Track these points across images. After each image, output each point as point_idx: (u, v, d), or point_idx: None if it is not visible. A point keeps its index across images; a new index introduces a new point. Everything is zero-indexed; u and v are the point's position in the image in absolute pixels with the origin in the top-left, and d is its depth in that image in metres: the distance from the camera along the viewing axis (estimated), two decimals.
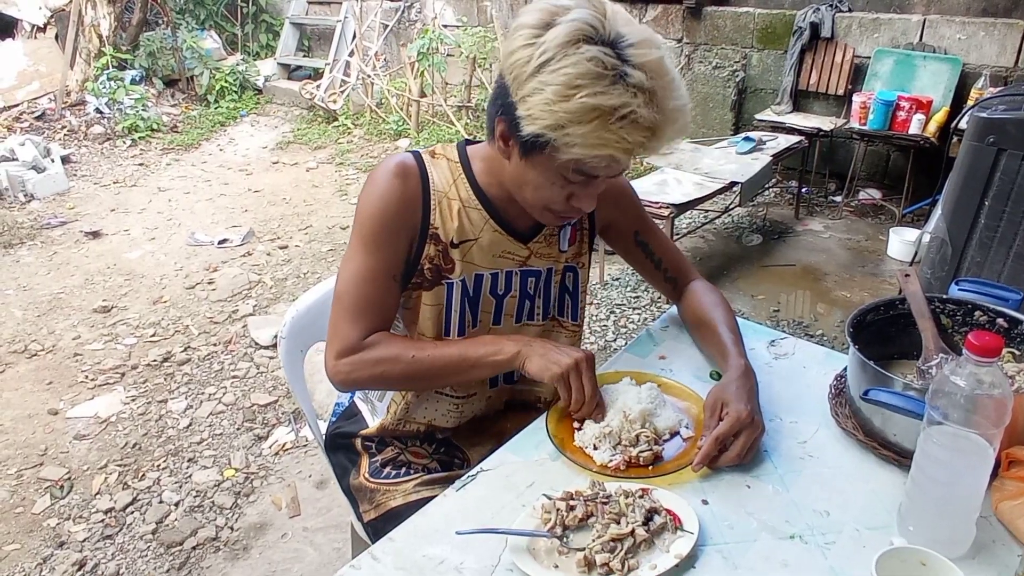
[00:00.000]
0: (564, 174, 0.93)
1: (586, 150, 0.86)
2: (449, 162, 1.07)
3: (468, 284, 1.07)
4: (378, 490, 1.14)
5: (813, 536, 0.84)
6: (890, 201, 4.07)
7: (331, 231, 4.02)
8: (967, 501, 0.79)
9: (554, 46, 0.84)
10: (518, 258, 1.10)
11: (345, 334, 1.01)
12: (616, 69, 0.83)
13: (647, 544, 0.82)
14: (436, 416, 1.16)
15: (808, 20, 4.09)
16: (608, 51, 0.83)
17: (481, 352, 1.00)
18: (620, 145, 0.85)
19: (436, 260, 1.05)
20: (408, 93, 5.55)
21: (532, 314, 1.14)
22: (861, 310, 1.05)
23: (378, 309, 1.02)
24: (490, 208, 1.06)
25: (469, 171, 1.06)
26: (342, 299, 1.03)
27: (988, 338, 0.72)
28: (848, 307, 3.10)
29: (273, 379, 2.67)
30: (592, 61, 0.82)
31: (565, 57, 0.83)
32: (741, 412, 0.94)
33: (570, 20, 0.84)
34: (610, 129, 0.84)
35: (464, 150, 1.09)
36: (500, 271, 1.09)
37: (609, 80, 0.83)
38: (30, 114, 5.52)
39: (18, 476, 2.21)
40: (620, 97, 0.83)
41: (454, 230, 1.04)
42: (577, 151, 0.86)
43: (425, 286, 1.06)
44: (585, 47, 0.83)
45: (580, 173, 0.92)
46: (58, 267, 3.63)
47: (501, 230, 1.07)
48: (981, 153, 1.83)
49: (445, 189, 1.05)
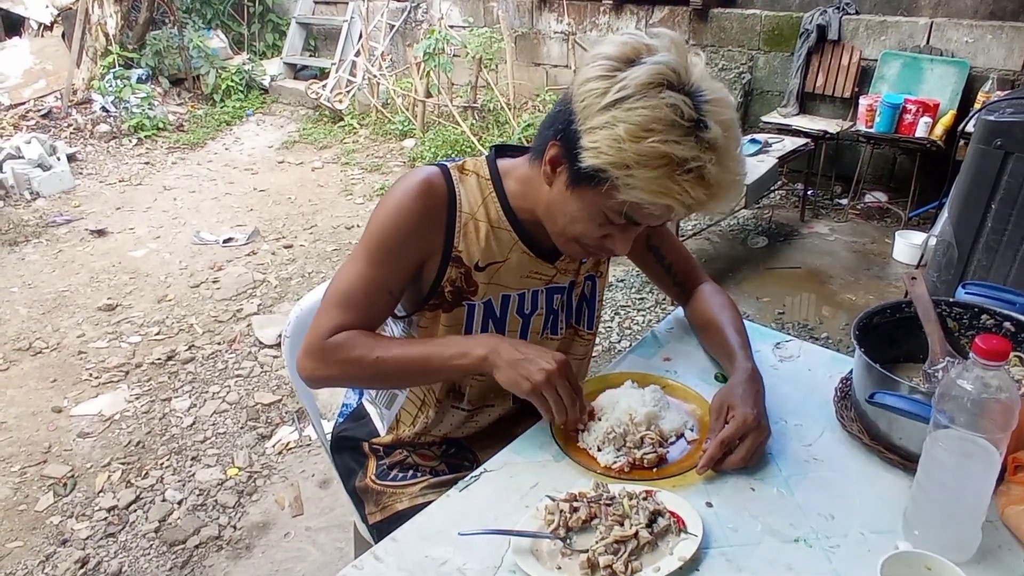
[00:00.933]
0: (609, 214, 0.90)
1: (647, 196, 0.84)
2: (479, 179, 1.04)
3: (494, 305, 1.05)
4: (384, 492, 1.13)
5: (818, 540, 0.84)
6: (896, 204, 4.06)
7: (336, 231, 4.02)
8: (973, 505, 0.79)
9: (634, 84, 0.82)
10: (545, 277, 1.08)
11: (317, 329, 0.99)
12: (692, 121, 0.82)
13: (651, 546, 0.82)
14: (452, 429, 1.15)
15: (815, 22, 4.08)
16: (688, 101, 0.82)
17: (447, 355, 0.96)
18: (681, 198, 0.84)
19: (458, 283, 1.03)
20: (414, 93, 5.55)
21: (556, 328, 1.13)
22: (867, 313, 1.04)
23: (360, 313, 1.00)
24: (520, 229, 1.03)
25: (501, 190, 1.03)
26: (327, 296, 1.01)
27: (996, 342, 0.71)
28: (853, 310, 3.09)
29: (277, 378, 2.67)
30: (672, 108, 0.81)
31: (644, 98, 0.81)
32: (747, 415, 0.94)
33: (655, 62, 0.83)
34: (676, 179, 0.82)
35: (495, 166, 1.05)
36: (527, 291, 1.07)
37: (684, 131, 0.82)
38: (36, 112, 5.54)
39: (22, 473, 2.22)
40: (692, 150, 0.82)
41: (479, 252, 1.02)
42: (637, 195, 0.84)
43: (445, 307, 1.04)
44: (667, 93, 0.81)
45: (627, 217, 0.90)
46: (63, 265, 3.64)
47: (529, 252, 1.05)
48: (988, 156, 1.82)
49: (473, 211, 1.02)
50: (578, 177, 0.89)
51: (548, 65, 5.62)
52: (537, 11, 5.49)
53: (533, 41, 5.60)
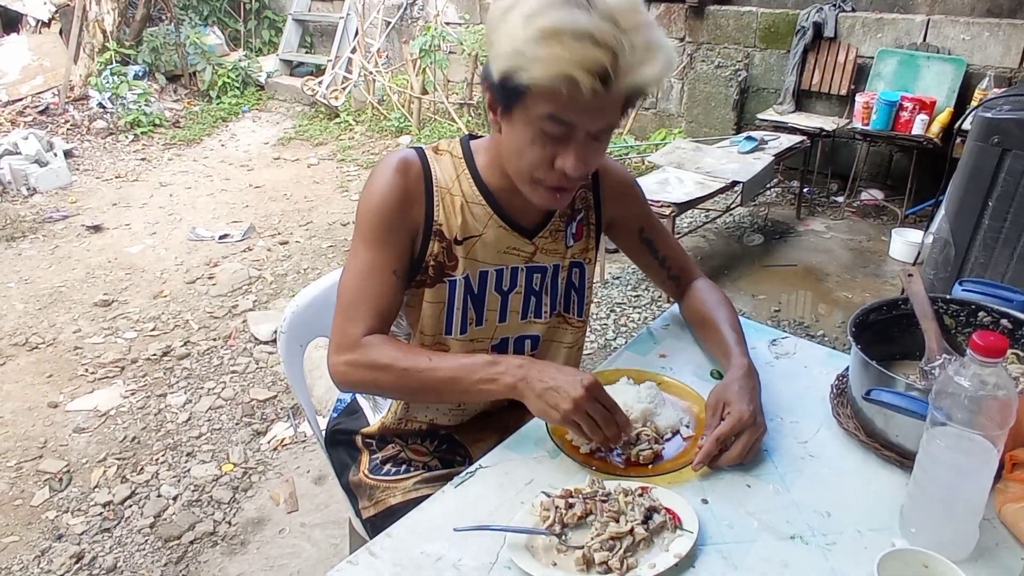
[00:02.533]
0: (540, 124, 0.88)
1: (544, 71, 0.81)
2: (452, 157, 1.06)
3: (472, 281, 1.06)
4: (378, 487, 1.13)
5: (814, 537, 0.84)
6: (892, 202, 4.06)
7: (331, 227, 4.01)
8: (970, 503, 0.79)
9: None
10: (524, 254, 1.08)
11: (344, 331, 0.99)
12: (581, 1, 0.81)
13: (646, 543, 0.82)
14: (438, 415, 1.15)
15: (811, 20, 4.08)
16: None
17: (476, 378, 0.95)
18: (577, 62, 0.80)
19: (440, 257, 1.03)
20: (410, 90, 5.54)
21: (539, 311, 1.13)
22: (863, 310, 1.04)
23: (377, 305, 1.00)
24: (494, 203, 1.05)
25: (472, 165, 1.05)
26: (343, 296, 1.02)
27: (993, 338, 0.71)
28: (849, 308, 3.09)
29: (272, 374, 2.66)
30: None
31: None
32: (743, 412, 0.93)
33: None
34: (565, 44, 0.80)
35: (468, 145, 1.07)
36: (505, 267, 1.08)
37: (574, 5, 0.81)
38: (34, 108, 5.51)
39: (17, 468, 2.21)
40: (580, 18, 0.80)
41: (458, 226, 1.03)
42: (536, 74, 0.82)
43: (428, 283, 1.05)
44: None
45: (552, 120, 0.87)
46: (60, 260, 3.63)
47: (506, 226, 1.06)
48: (985, 154, 1.82)
49: (448, 185, 1.04)
50: (504, 102, 0.90)
51: None
52: None
53: None
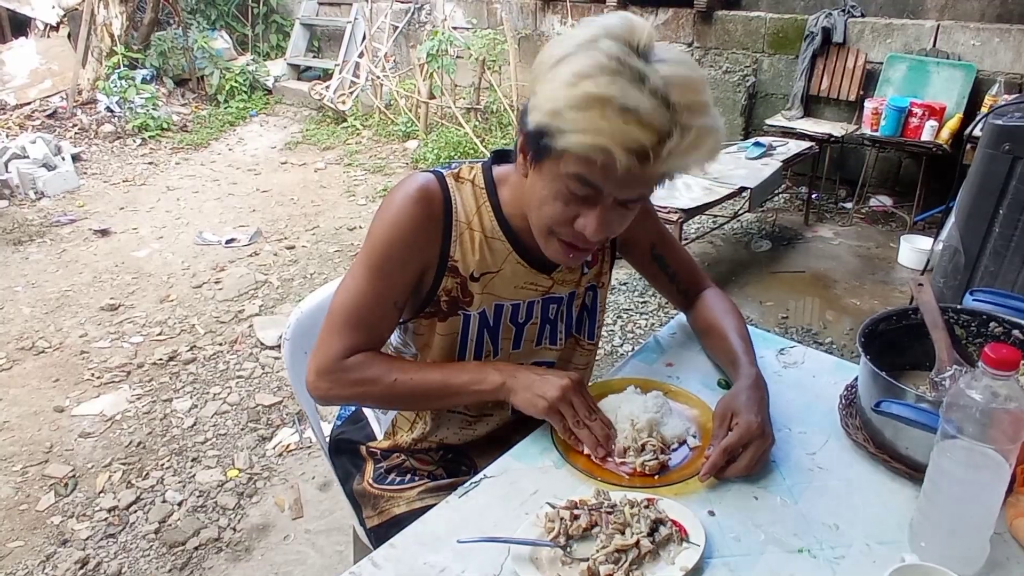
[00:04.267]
0: (567, 183, 0.85)
1: (580, 137, 0.78)
2: (474, 188, 1.01)
3: (488, 314, 1.04)
4: (382, 496, 1.12)
5: (822, 550, 0.83)
6: (901, 208, 4.04)
7: (338, 232, 4.02)
8: (981, 517, 0.77)
9: (575, 44, 0.80)
10: (541, 288, 1.06)
11: (329, 349, 0.98)
12: (635, 70, 0.78)
13: (652, 556, 0.81)
14: (448, 435, 1.14)
15: (820, 25, 4.07)
16: (630, 53, 0.79)
17: (464, 380, 0.98)
18: (618, 138, 0.77)
19: (454, 292, 1.01)
20: (417, 95, 5.55)
21: (554, 338, 1.12)
22: (873, 319, 1.03)
23: (370, 331, 0.99)
24: (513, 239, 1.01)
25: (494, 197, 1.01)
26: (335, 314, 0.99)
27: (1006, 351, 0.70)
28: (857, 315, 3.07)
29: (278, 380, 2.66)
30: (608, 56, 0.78)
31: (583, 51, 0.79)
32: (751, 423, 0.92)
33: (600, 24, 0.81)
34: (608, 118, 0.77)
35: (490, 173, 1.02)
36: (522, 301, 1.05)
37: (617, 74, 0.77)
38: (42, 112, 5.55)
39: (23, 473, 2.22)
40: (627, 89, 0.77)
41: (474, 263, 1.00)
42: (572, 140, 0.79)
43: (440, 316, 1.02)
44: (606, 42, 0.79)
45: (581, 180, 0.84)
46: (67, 264, 3.64)
47: (524, 262, 1.02)
48: (996, 161, 1.80)
49: (468, 219, 1.00)
50: (535, 152, 0.87)
51: None
52: (540, 13, 5.49)
53: (536, 43, 5.60)
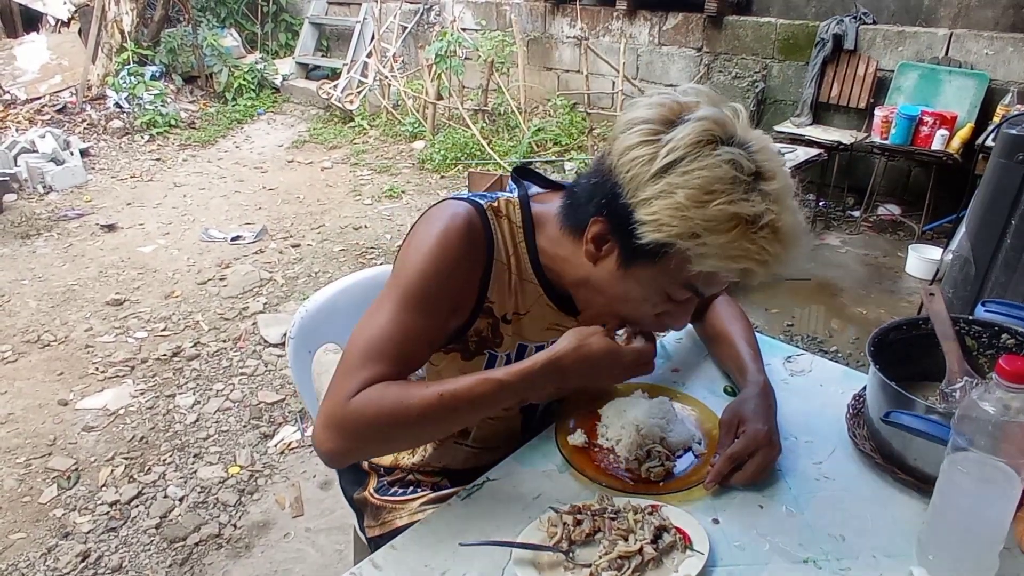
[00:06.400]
0: (672, 290, 0.83)
1: (722, 263, 0.77)
2: (512, 225, 0.95)
3: (512, 357, 1.00)
4: (384, 508, 1.10)
5: (828, 561, 0.82)
6: (910, 217, 4.02)
7: (344, 231, 4.02)
8: (991, 531, 0.76)
9: (684, 145, 0.76)
10: (566, 328, 1.00)
11: (341, 390, 0.83)
12: (752, 174, 0.77)
13: (655, 563, 0.80)
14: (452, 462, 1.10)
15: (831, 32, 4.05)
16: (744, 154, 0.77)
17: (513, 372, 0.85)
18: (759, 257, 0.77)
19: (485, 333, 0.97)
20: (425, 95, 5.55)
21: None
22: (883, 328, 1.02)
23: (395, 366, 0.86)
24: (545, 283, 0.96)
25: (531, 240, 0.95)
26: (353, 353, 0.86)
27: (1020, 364, 0.69)
28: (864, 324, 3.05)
29: (281, 377, 2.66)
30: (731, 164, 0.76)
31: (698, 158, 0.76)
32: (759, 432, 0.91)
33: (699, 118, 0.77)
34: (751, 238, 0.76)
35: (528, 209, 0.96)
36: (546, 343, 1.00)
37: (747, 186, 0.76)
38: (51, 107, 5.58)
39: (26, 465, 2.22)
40: (759, 204, 0.76)
41: (509, 305, 0.96)
42: (711, 263, 0.77)
43: (465, 355, 0.98)
44: (721, 149, 0.76)
45: (693, 289, 0.83)
46: (73, 259, 3.65)
47: (553, 305, 0.98)
48: (1009, 171, 1.78)
49: (506, 260, 0.94)
50: (634, 254, 0.82)
51: (560, 70, 5.61)
52: (550, 15, 5.49)
53: (545, 45, 5.60)
